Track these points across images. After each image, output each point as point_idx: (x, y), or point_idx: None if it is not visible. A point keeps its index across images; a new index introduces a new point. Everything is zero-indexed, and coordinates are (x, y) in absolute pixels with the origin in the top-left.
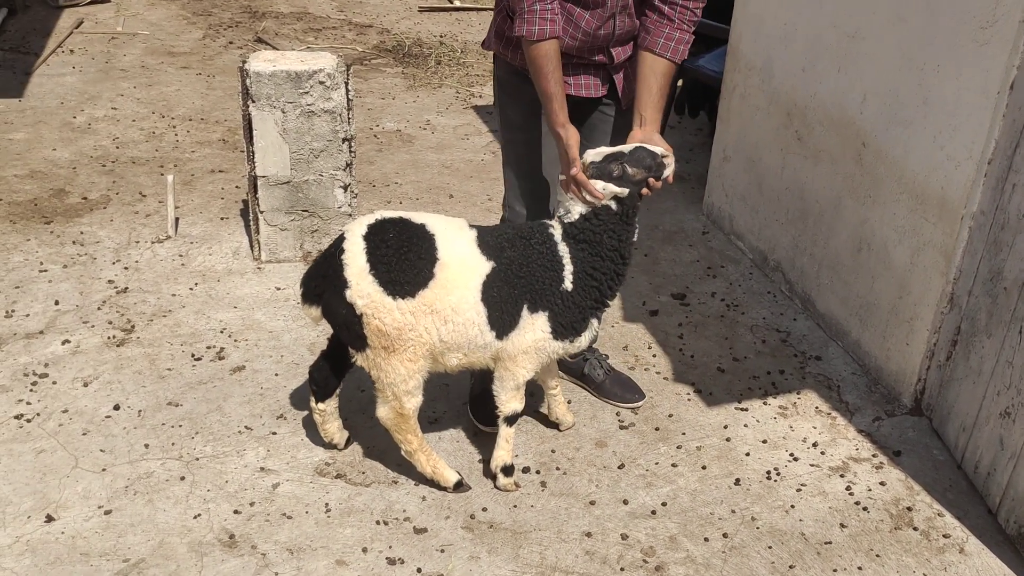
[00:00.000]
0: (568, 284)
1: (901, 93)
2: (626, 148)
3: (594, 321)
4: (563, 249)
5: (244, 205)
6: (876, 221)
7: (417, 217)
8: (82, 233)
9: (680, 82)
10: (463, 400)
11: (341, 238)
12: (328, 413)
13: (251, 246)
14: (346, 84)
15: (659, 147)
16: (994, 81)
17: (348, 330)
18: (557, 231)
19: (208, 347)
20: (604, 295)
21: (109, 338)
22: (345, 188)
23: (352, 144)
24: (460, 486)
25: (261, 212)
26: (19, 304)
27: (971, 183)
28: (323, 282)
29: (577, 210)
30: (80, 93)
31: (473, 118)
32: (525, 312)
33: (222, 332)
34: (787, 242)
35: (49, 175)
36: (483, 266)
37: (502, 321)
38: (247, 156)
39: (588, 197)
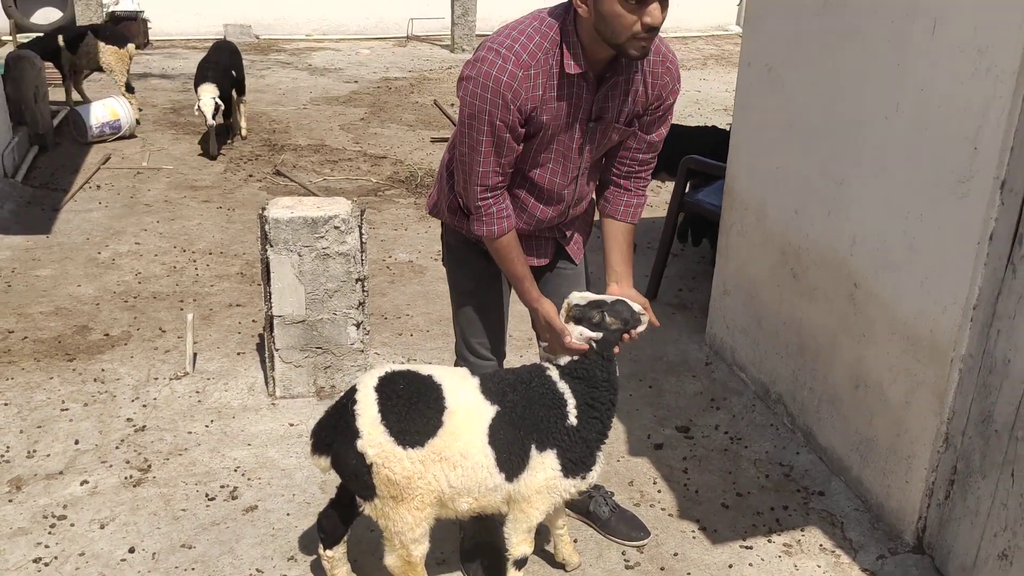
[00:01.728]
0: (572, 419)
1: (888, 239)
2: (608, 298)
3: (599, 454)
4: (563, 386)
5: (260, 339)
6: (871, 359)
7: (424, 369)
8: (103, 370)
9: (681, 215)
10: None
11: (353, 389)
12: (337, 560)
13: (266, 382)
14: (360, 228)
15: (637, 303)
16: (974, 232)
17: (357, 479)
18: (554, 372)
19: (222, 486)
20: (605, 425)
21: (126, 478)
22: (358, 325)
23: (365, 284)
24: None
25: (277, 350)
26: (40, 444)
27: (958, 327)
28: (334, 432)
29: (564, 358)
30: (105, 228)
31: None
32: (533, 452)
33: (236, 471)
34: (787, 375)
35: (73, 311)
36: (488, 411)
37: (511, 462)
38: (264, 296)
39: (574, 354)
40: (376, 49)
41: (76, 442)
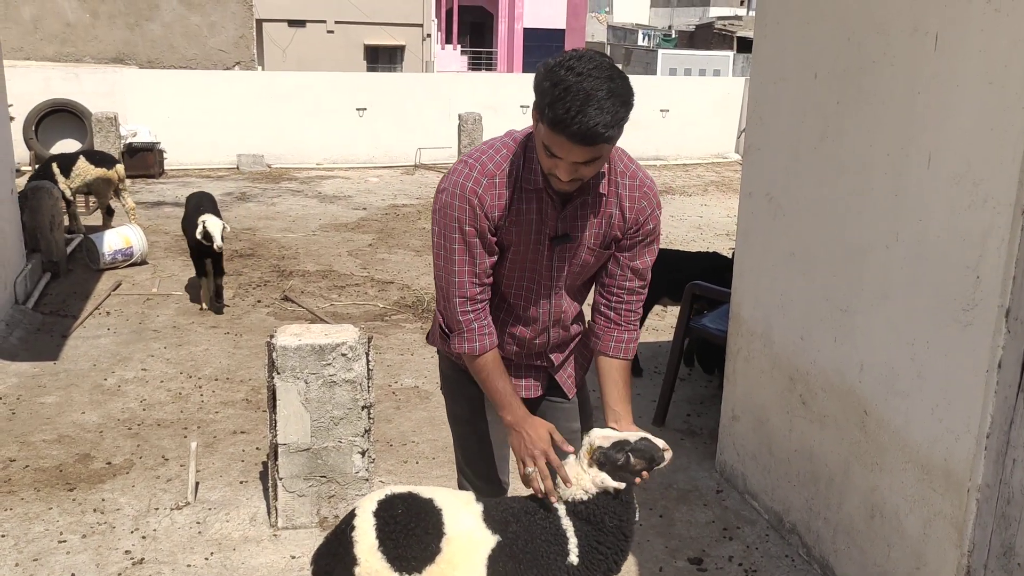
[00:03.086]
0: (574, 558)
1: (895, 365)
2: (632, 437)
3: None
4: (567, 523)
5: (264, 467)
6: (886, 489)
7: (426, 492)
8: (103, 500)
9: (687, 340)
10: None
11: (352, 515)
12: None
13: (268, 512)
14: (367, 355)
15: (660, 440)
16: (982, 360)
17: None
18: (561, 506)
19: None
20: (611, 567)
21: None
22: (363, 453)
23: (371, 411)
24: None
25: (280, 479)
26: None
27: (972, 456)
28: (333, 560)
29: (571, 494)
30: (112, 355)
31: None
32: None
33: None
34: (800, 504)
35: (76, 439)
36: (489, 540)
37: None
38: (270, 424)
39: (566, 490)
40: (384, 177)
41: None
